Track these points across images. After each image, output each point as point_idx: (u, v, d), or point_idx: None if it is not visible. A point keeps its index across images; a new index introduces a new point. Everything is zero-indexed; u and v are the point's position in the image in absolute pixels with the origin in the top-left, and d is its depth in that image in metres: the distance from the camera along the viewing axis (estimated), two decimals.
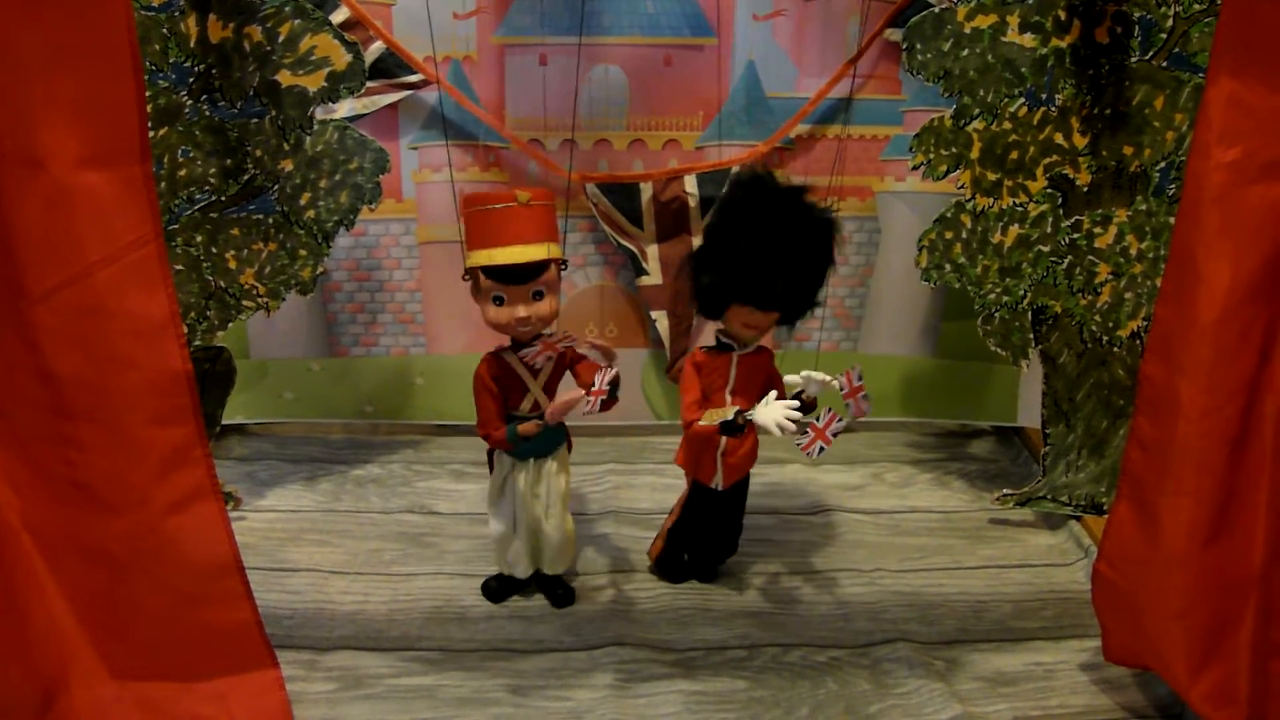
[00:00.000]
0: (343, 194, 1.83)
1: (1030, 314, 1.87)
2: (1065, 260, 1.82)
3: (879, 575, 1.73)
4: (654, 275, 2.12)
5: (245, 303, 1.86)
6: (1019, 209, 1.82)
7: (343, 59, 1.75)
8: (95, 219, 1.05)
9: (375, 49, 1.89)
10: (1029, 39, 1.73)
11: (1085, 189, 1.78)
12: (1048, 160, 1.78)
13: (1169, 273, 1.19)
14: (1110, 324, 1.80)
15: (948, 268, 1.88)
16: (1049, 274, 1.84)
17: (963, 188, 1.83)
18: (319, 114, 1.79)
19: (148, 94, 1.59)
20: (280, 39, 1.71)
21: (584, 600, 1.64)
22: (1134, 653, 1.38)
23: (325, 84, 1.76)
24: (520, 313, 1.41)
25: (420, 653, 1.50)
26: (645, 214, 2.08)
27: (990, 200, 1.83)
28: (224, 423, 1.97)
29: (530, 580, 1.65)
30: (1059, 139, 1.77)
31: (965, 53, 1.76)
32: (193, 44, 1.68)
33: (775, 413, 1.39)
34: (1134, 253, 1.76)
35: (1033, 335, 1.88)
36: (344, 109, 1.87)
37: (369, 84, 1.83)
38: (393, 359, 2.19)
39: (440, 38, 1.94)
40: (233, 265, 1.84)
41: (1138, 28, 1.67)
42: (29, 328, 1.07)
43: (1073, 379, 1.86)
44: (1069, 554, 1.80)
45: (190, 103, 1.72)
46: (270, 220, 1.83)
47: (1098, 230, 1.78)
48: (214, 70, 1.71)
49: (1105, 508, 1.78)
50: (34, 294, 1.05)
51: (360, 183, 1.83)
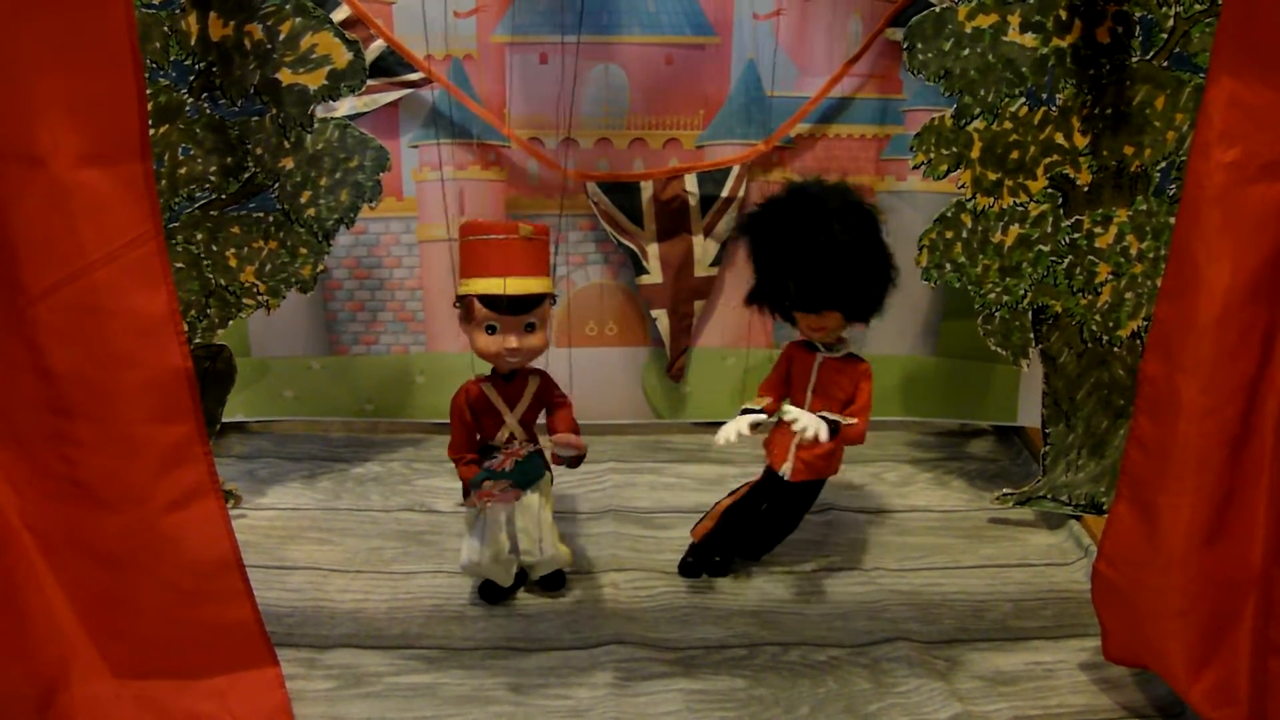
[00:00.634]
0: (343, 192, 1.83)
1: (1030, 313, 1.87)
2: (1066, 260, 1.82)
3: (879, 574, 1.73)
4: (654, 274, 2.12)
5: (245, 301, 1.86)
6: (1019, 208, 1.82)
7: (343, 57, 1.75)
8: (95, 217, 1.05)
9: (376, 47, 1.89)
10: (1030, 39, 1.73)
11: (1086, 189, 1.78)
12: (1048, 160, 1.78)
13: (1169, 272, 1.19)
14: (1110, 324, 1.80)
15: (948, 267, 1.88)
16: (1049, 274, 1.84)
17: (963, 187, 1.83)
18: (320, 112, 1.79)
19: (148, 92, 1.60)
20: (281, 37, 1.71)
21: (584, 599, 1.64)
22: (1134, 652, 1.38)
23: (326, 82, 1.76)
24: (512, 343, 1.45)
25: (420, 651, 1.50)
26: (645, 213, 2.08)
27: (991, 200, 1.83)
28: (224, 421, 1.97)
29: (515, 588, 1.65)
30: (1060, 139, 1.77)
31: (966, 52, 1.76)
32: (193, 42, 1.68)
33: (728, 427, 1.49)
34: (1134, 252, 1.75)
35: (1033, 335, 1.88)
36: (344, 107, 1.87)
37: (369, 82, 1.83)
38: (393, 357, 2.19)
39: (441, 36, 1.94)
40: (233, 263, 1.84)
41: (1139, 27, 1.67)
42: (29, 326, 1.07)
43: (1073, 379, 1.86)
44: (1069, 553, 1.80)
45: (191, 100, 1.72)
46: (271, 218, 1.83)
47: (1098, 230, 1.78)
48: (215, 68, 1.71)
49: (1105, 507, 1.78)
50: (34, 292, 1.05)
51: (361, 181, 1.83)
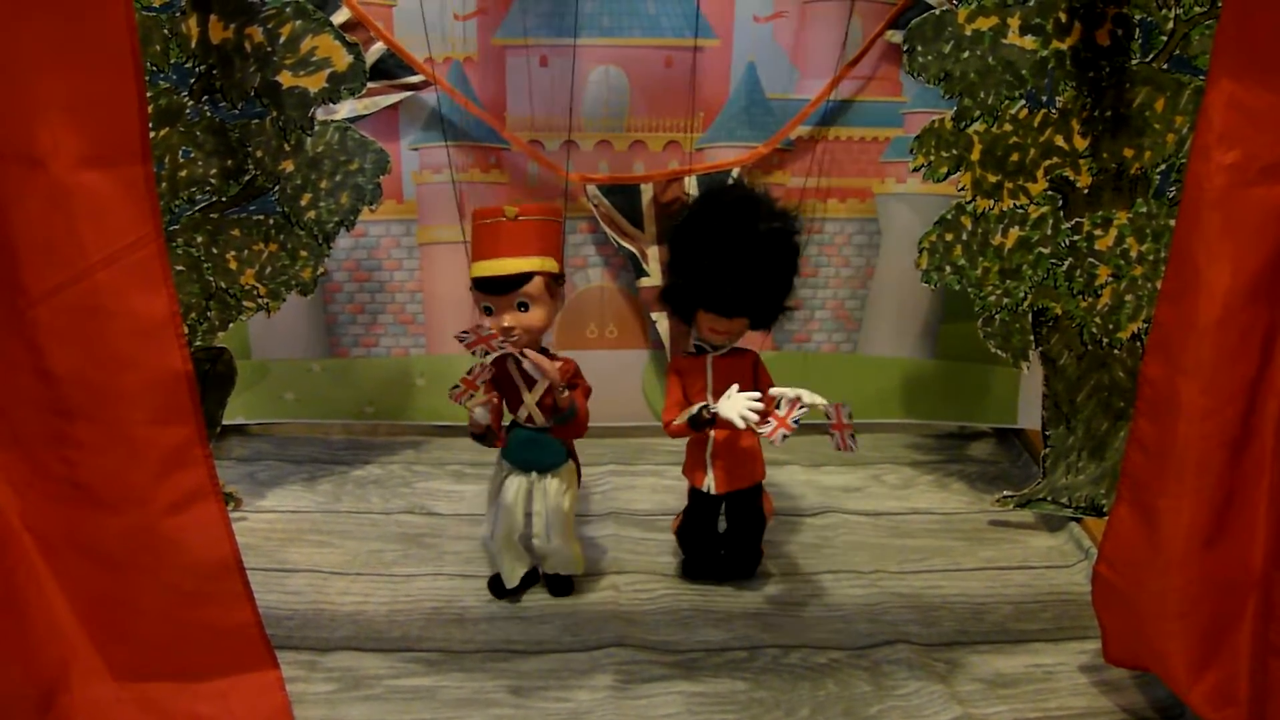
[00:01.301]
0: (343, 195, 1.83)
1: (1030, 316, 1.87)
2: (1066, 262, 1.82)
3: (879, 577, 1.73)
4: (654, 276, 2.12)
5: (246, 303, 1.86)
6: (1019, 211, 1.82)
7: (344, 60, 1.75)
8: (96, 219, 1.05)
9: (376, 50, 1.89)
10: (1029, 41, 1.73)
11: (1086, 191, 1.78)
12: (1048, 162, 1.78)
13: (1169, 275, 1.19)
14: (1111, 326, 1.80)
15: (948, 269, 1.88)
16: (1049, 276, 1.84)
17: (963, 190, 1.83)
18: (320, 115, 1.79)
19: (149, 94, 1.60)
20: (281, 40, 1.72)
21: (584, 601, 1.64)
22: (1134, 654, 1.38)
23: (326, 85, 1.76)
24: (505, 322, 1.46)
25: (420, 653, 1.50)
26: (646, 215, 2.08)
27: (991, 202, 1.83)
28: (224, 423, 1.97)
29: (521, 589, 1.65)
30: (1059, 141, 1.77)
31: (966, 55, 1.76)
32: (194, 44, 1.69)
33: (737, 404, 1.43)
34: (1134, 255, 1.76)
35: (1033, 337, 1.88)
36: (345, 110, 1.87)
37: (370, 85, 1.83)
38: (393, 360, 2.19)
39: (441, 39, 1.94)
40: (233, 266, 1.84)
41: (1138, 30, 1.67)
42: (29, 327, 1.07)
43: (1073, 381, 1.86)
44: (1069, 556, 1.80)
45: (191, 103, 1.72)
46: (271, 221, 1.83)
47: (1098, 232, 1.78)
48: (215, 71, 1.72)
49: (1105, 509, 1.78)
50: (34, 294, 1.05)
51: (361, 183, 1.83)
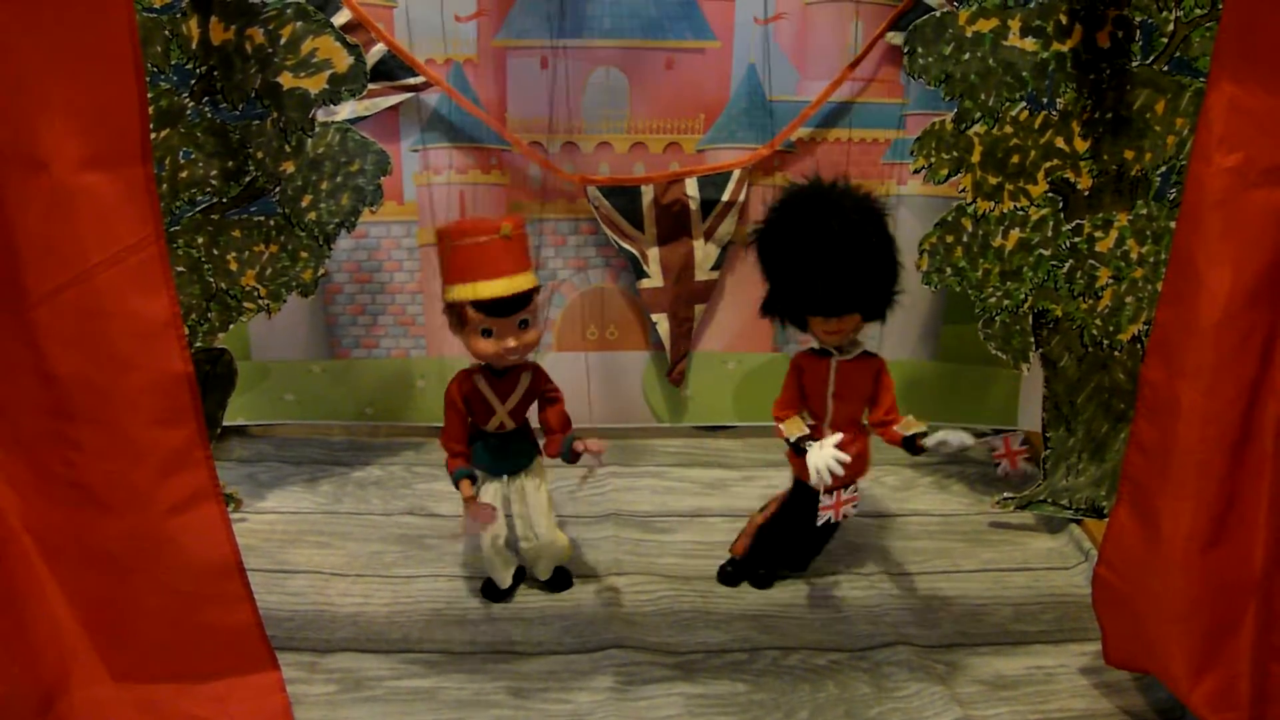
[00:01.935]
0: (344, 196, 1.83)
1: (1031, 318, 1.87)
2: (1066, 264, 1.82)
3: (879, 578, 1.73)
4: (655, 278, 2.12)
5: (246, 304, 1.86)
6: (1020, 213, 1.82)
7: (344, 61, 1.75)
8: (97, 221, 1.05)
9: (376, 51, 1.89)
10: (1030, 43, 1.73)
11: (1086, 193, 1.78)
12: (1049, 164, 1.78)
13: (1170, 277, 1.19)
14: (1111, 328, 1.80)
15: (949, 271, 1.88)
16: (1050, 278, 1.84)
17: (964, 191, 1.84)
18: (320, 116, 1.79)
19: (149, 96, 1.59)
20: (282, 41, 1.72)
21: (584, 603, 1.64)
22: (1134, 656, 1.38)
23: (327, 86, 1.76)
24: (510, 344, 1.44)
25: (421, 655, 1.50)
26: (646, 217, 2.08)
27: (991, 204, 1.83)
28: (225, 424, 1.97)
29: (514, 588, 1.66)
30: (1060, 143, 1.77)
31: (966, 57, 1.76)
32: (194, 46, 1.69)
33: (825, 458, 1.42)
34: (1135, 257, 1.76)
35: (1033, 339, 1.88)
36: (345, 111, 1.87)
37: (370, 86, 1.83)
38: (393, 361, 2.19)
39: (442, 40, 1.94)
40: (234, 267, 1.84)
41: (1139, 32, 1.67)
42: (30, 329, 1.07)
43: (1073, 383, 1.86)
44: (1069, 557, 1.80)
45: (192, 105, 1.72)
46: (271, 222, 1.83)
47: (1099, 234, 1.78)
48: (216, 72, 1.72)
49: (1105, 511, 1.78)
50: (35, 295, 1.06)
51: (361, 185, 1.84)
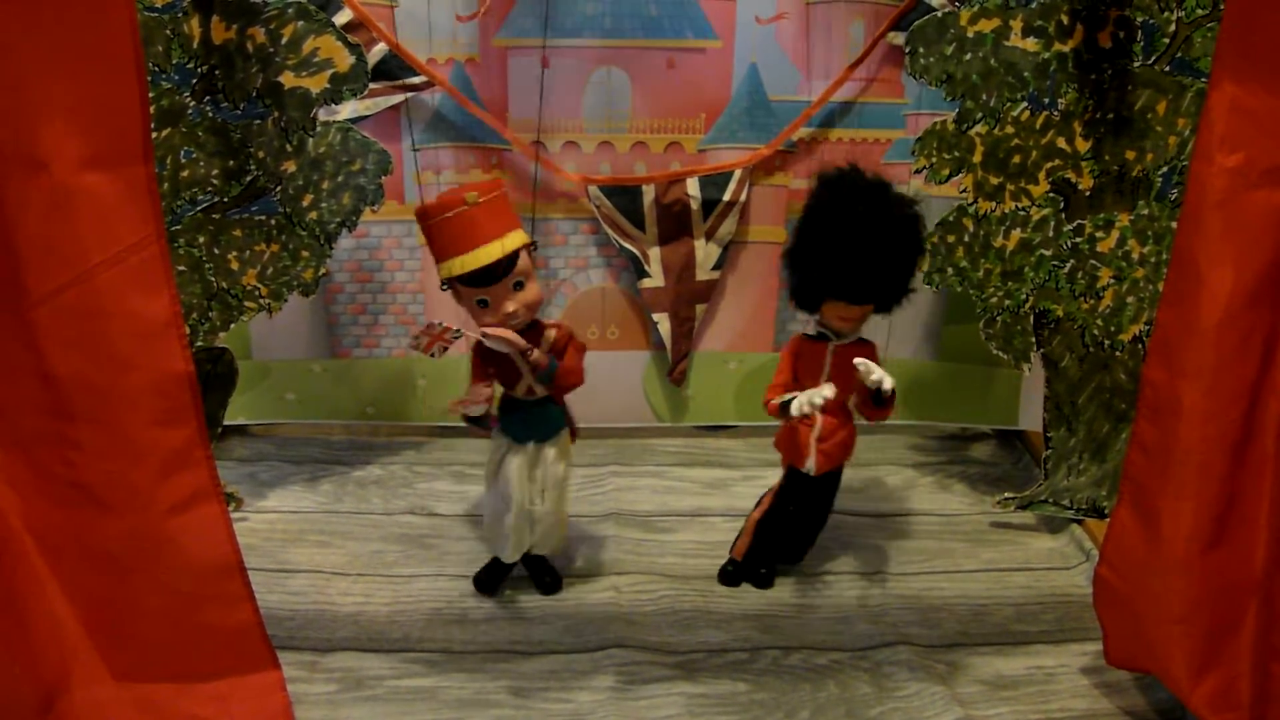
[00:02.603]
0: (345, 195, 1.83)
1: (1032, 318, 1.87)
2: (1067, 264, 1.82)
3: (880, 578, 1.73)
4: (656, 277, 2.12)
5: (247, 304, 1.86)
6: (1021, 213, 1.82)
7: (345, 60, 1.75)
8: (97, 220, 1.05)
9: (378, 50, 1.89)
10: (1032, 43, 1.73)
11: (1087, 193, 1.78)
12: (1050, 164, 1.78)
13: (1171, 277, 1.19)
14: (1112, 328, 1.80)
15: (950, 271, 1.88)
16: (1051, 278, 1.84)
17: (965, 191, 1.83)
18: (322, 115, 1.79)
19: (151, 95, 1.59)
20: (283, 40, 1.72)
21: (585, 602, 1.64)
22: (1135, 657, 1.38)
23: (328, 85, 1.76)
24: (509, 308, 1.43)
25: (421, 654, 1.50)
26: (647, 216, 2.08)
27: (992, 204, 1.83)
28: (225, 424, 1.97)
29: (516, 565, 1.65)
30: (1061, 143, 1.77)
31: (968, 57, 1.76)
32: (196, 45, 1.69)
33: (807, 394, 1.46)
34: (1136, 257, 1.75)
35: (1034, 339, 1.88)
36: (346, 110, 1.87)
37: (371, 85, 1.83)
38: (394, 360, 2.19)
39: (443, 40, 1.94)
40: (235, 266, 1.84)
41: (1140, 32, 1.67)
42: (31, 329, 1.07)
43: (1074, 383, 1.86)
44: (1070, 558, 1.80)
45: (193, 104, 1.72)
46: (273, 221, 1.83)
47: (1100, 234, 1.78)
48: (217, 71, 1.72)
49: (1106, 511, 1.78)
50: (36, 295, 1.06)
51: (362, 184, 1.84)
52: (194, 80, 1.71)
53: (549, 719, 1.37)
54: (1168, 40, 1.64)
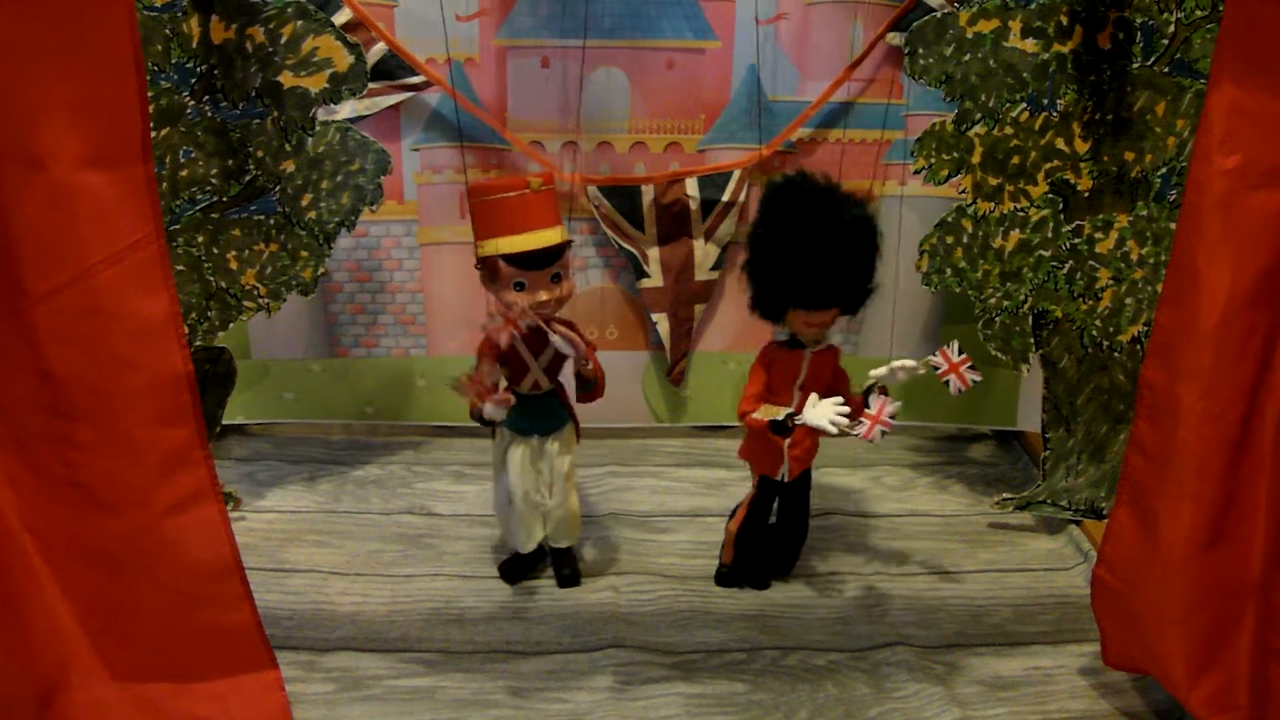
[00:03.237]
0: (344, 195, 1.83)
1: (1031, 318, 1.87)
2: (1066, 265, 1.82)
3: (878, 579, 1.73)
4: (655, 277, 2.12)
5: (246, 303, 1.86)
6: (1020, 214, 1.82)
7: (345, 60, 1.75)
8: (96, 220, 1.05)
9: (377, 50, 1.89)
10: (1031, 44, 1.73)
11: (1086, 194, 1.78)
12: (1049, 165, 1.78)
13: (1170, 278, 1.19)
14: (1111, 329, 1.80)
15: (949, 272, 1.88)
16: (1050, 279, 1.84)
17: (964, 192, 1.83)
18: (321, 115, 1.79)
19: (150, 94, 1.59)
20: (283, 40, 1.72)
21: (583, 602, 1.64)
22: (1133, 658, 1.38)
23: (327, 85, 1.76)
24: (542, 296, 1.46)
25: (420, 654, 1.50)
26: (646, 216, 2.08)
27: (991, 205, 1.83)
28: (224, 423, 1.97)
29: (541, 556, 1.68)
30: (1060, 144, 1.77)
31: (967, 58, 1.76)
32: (195, 45, 1.69)
33: (826, 412, 1.46)
34: (1135, 258, 1.76)
35: (1033, 340, 1.88)
36: (346, 110, 1.87)
37: (371, 85, 1.83)
38: (393, 360, 2.19)
39: (442, 39, 1.94)
40: (234, 266, 1.84)
41: (1139, 34, 1.67)
42: (29, 328, 1.07)
43: (1073, 384, 1.86)
44: (1068, 558, 1.80)
45: (192, 103, 1.72)
46: (272, 221, 1.83)
47: (1099, 235, 1.78)
48: (216, 71, 1.72)
49: (1105, 512, 1.78)
50: (35, 294, 1.05)
51: (362, 184, 1.83)
52: (193, 80, 1.71)
53: (547, 719, 1.37)
54: (1167, 41, 1.65)
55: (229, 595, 1.24)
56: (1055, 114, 1.76)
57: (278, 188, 1.81)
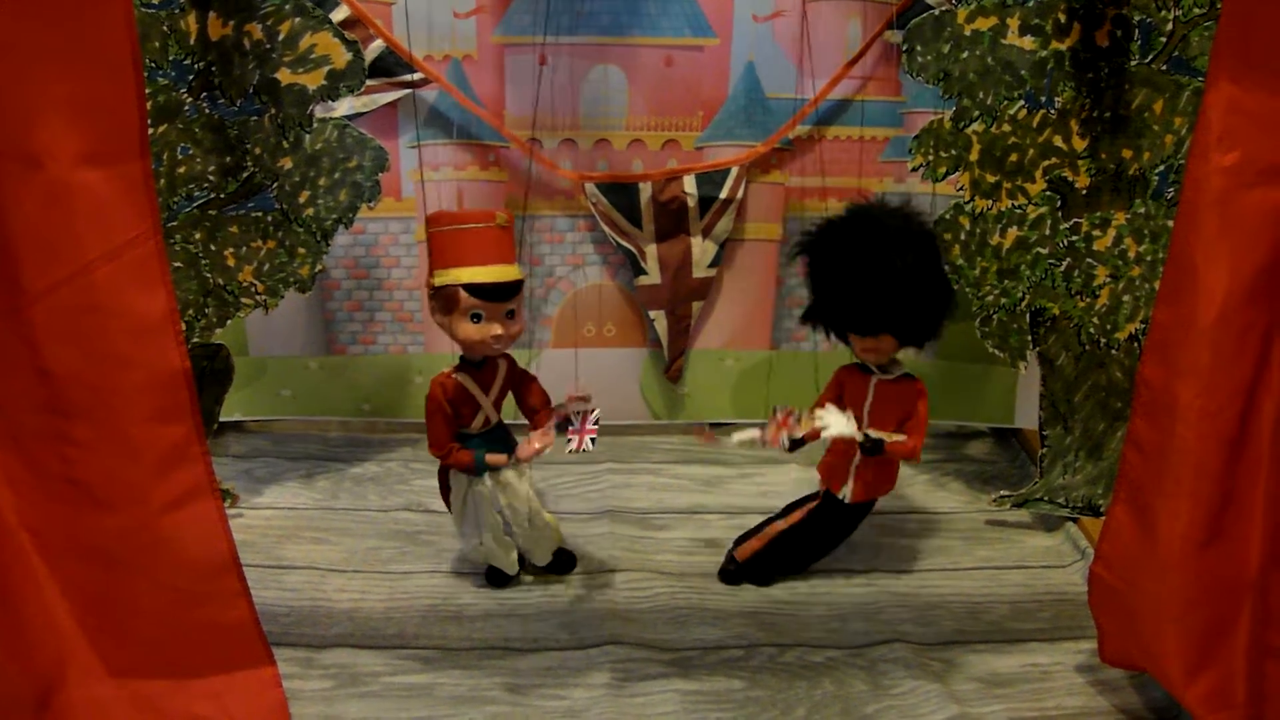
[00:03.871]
0: (342, 192, 1.83)
1: (1028, 316, 1.87)
2: (1064, 262, 1.82)
3: (876, 576, 1.73)
4: (652, 275, 2.12)
5: (244, 300, 1.86)
6: (1018, 211, 1.82)
7: (342, 57, 1.75)
8: (94, 216, 1.05)
9: (375, 47, 1.89)
10: (1029, 42, 1.73)
11: (1084, 191, 1.78)
12: (1047, 163, 1.78)
13: (1167, 276, 1.19)
14: (1108, 326, 1.80)
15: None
16: (1047, 276, 1.84)
17: (962, 189, 1.84)
18: (318, 112, 1.79)
19: (147, 91, 1.59)
20: (280, 37, 1.71)
21: (581, 599, 1.64)
22: (1130, 655, 1.38)
23: (325, 82, 1.76)
24: (496, 330, 1.46)
25: (417, 651, 1.50)
26: (644, 214, 2.08)
27: (989, 202, 1.83)
28: (222, 420, 1.97)
29: (520, 572, 1.69)
30: (1058, 141, 1.77)
31: (965, 55, 1.76)
32: (193, 41, 1.68)
33: (842, 423, 1.52)
34: (1132, 255, 1.76)
35: (1031, 337, 1.88)
36: (343, 107, 1.87)
37: (368, 82, 1.83)
38: (391, 357, 2.19)
39: (440, 36, 1.94)
40: (231, 263, 1.84)
41: (1137, 31, 1.67)
42: (27, 325, 1.06)
43: (1070, 381, 1.86)
44: (1066, 556, 1.80)
45: (190, 100, 1.72)
46: (269, 218, 1.83)
47: (1096, 233, 1.79)
48: (214, 68, 1.71)
49: (1102, 510, 1.78)
50: (32, 292, 1.05)
51: (359, 181, 1.84)
52: (191, 76, 1.71)
53: (544, 716, 1.37)
54: (1165, 39, 1.65)
55: (226, 592, 1.24)
56: (1053, 111, 1.76)
57: (275, 184, 1.81)
